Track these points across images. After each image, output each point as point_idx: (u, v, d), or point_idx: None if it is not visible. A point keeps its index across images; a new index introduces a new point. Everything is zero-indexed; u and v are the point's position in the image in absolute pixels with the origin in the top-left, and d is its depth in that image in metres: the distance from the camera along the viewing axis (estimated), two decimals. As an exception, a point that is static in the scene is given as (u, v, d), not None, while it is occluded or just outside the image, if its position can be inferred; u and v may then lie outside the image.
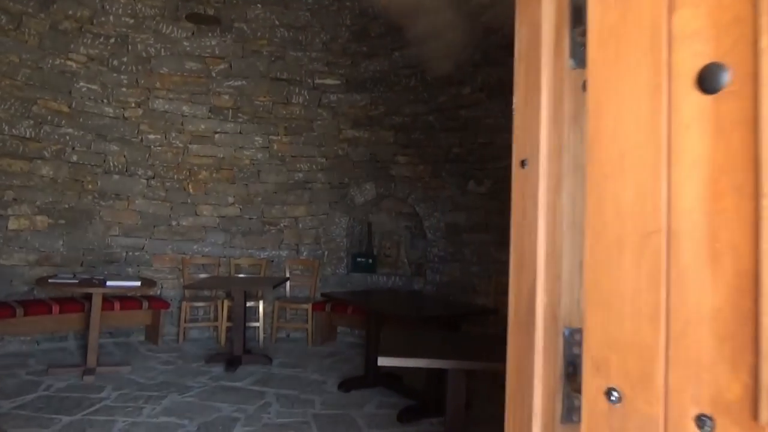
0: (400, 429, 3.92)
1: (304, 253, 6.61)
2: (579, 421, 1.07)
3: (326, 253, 6.59)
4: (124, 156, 6.13)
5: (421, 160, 6.20)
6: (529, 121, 1.10)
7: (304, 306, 6.23)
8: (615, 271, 0.88)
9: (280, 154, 6.54)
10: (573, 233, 1.05)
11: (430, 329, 4.08)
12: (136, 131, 6.19)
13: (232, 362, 5.19)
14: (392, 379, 4.85)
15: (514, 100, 1.14)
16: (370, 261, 6.69)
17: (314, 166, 6.54)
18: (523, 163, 1.11)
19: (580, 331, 1.08)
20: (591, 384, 0.92)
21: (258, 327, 6.17)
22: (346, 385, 4.70)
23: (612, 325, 0.89)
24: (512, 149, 1.18)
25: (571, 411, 1.05)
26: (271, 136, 6.52)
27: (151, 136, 6.25)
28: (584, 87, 1.08)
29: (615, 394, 0.86)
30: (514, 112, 1.16)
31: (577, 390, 1.06)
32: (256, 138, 6.52)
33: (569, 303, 1.07)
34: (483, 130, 5.76)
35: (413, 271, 6.62)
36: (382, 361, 2.57)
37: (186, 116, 6.36)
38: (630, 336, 0.85)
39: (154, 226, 6.30)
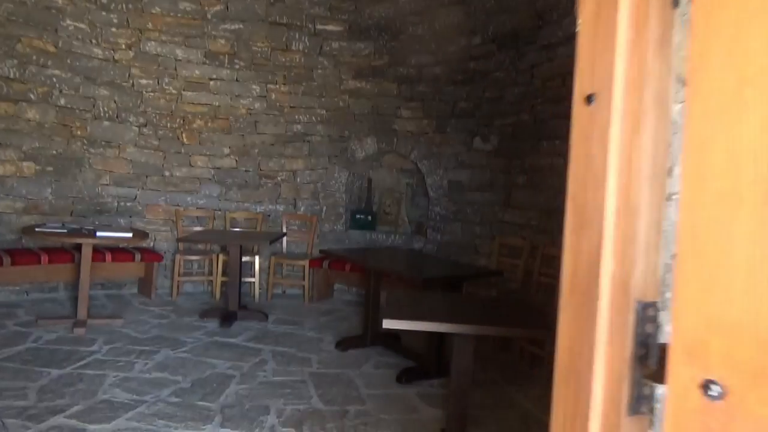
0: (399, 390, 3.82)
1: (302, 208, 6.42)
2: (649, 413, 0.89)
3: (325, 208, 6.40)
4: (115, 101, 5.84)
5: (426, 114, 5.95)
6: (600, 46, 0.89)
7: (301, 262, 6.08)
8: (724, 232, 0.70)
9: (278, 104, 6.27)
10: (653, 185, 0.86)
11: (433, 290, 3.94)
12: (127, 75, 5.89)
13: (227, 318, 5.07)
14: (391, 339, 4.75)
15: (579, 19, 0.92)
16: (370, 218, 6.52)
17: (314, 118, 6.28)
18: (589, 99, 0.90)
19: (655, 305, 0.91)
20: (681, 373, 0.75)
21: (253, 282, 6.03)
22: (343, 344, 4.60)
23: (715, 301, 0.71)
24: (574, 82, 0.97)
25: (640, 401, 0.88)
26: (269, 85, 6.23)
27: (143, 81, 5.95)
28: (675, 1, 0.87)
29: (715, 388, 0.69)
30: (578, 35, 0.95)
31: (650, 377, 0.88)
32: (254, 86, 6.23)
33: (644, 271, 0.89)
34: (492, 84, 5.49)
35: (413, 229, 6.46)
36: (387, 324, 2.42)
37: (180, 61, 6.04)
38: (742, 316, 0.67)
39: (147, 176, 6.07)
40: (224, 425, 3.12)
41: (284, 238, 6.29)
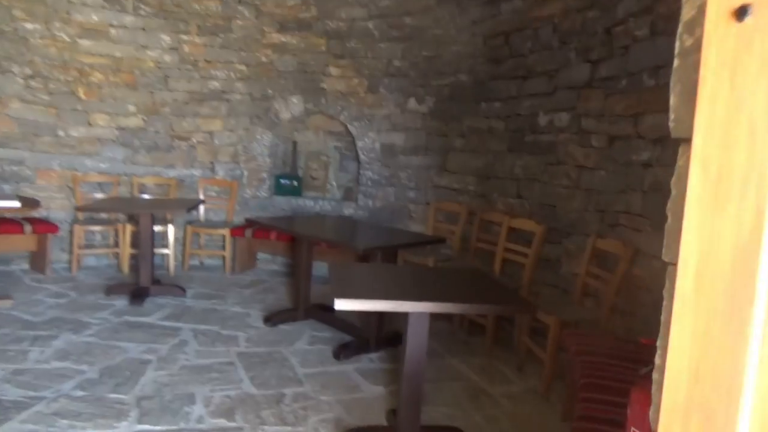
0: (338, 367, 3.54)
1: (221, 173, 5.88)
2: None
3: (246, 173, 5.90)
4: (-7, 47, 4.98)
5: (357, 73, 5.56)
6: None
7: (221, 231, 5.59)
8: None
9: (192, 58, 5.63)
10: None
11: (373, 260, 3.66)
12: (8, 17, 5.02)
13: (138, 294, 4.53)
14: (324, 311, 4.44)
15: None
16: (296, 183, 6.10)
17: (233, 74, 5.70)
18: (741, 12, 0.61)
19: None
20: None
21: (167, 254, 5.47)
22: (273, 319, 4.23)
23: None
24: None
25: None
26: (181, 36, 5.56)
27: (29, 26, 5.10)
28: None
29: None
30: None
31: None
32: (163, 36, 5.54)
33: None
34: (429, 42, 5.19)
35: (343, 195, 6.12)
36: (340, 305, 2.11)
37: (73, 3, 5.23)
38: None
39: (36, 136, 5.28)
40: (142, 421, 2.70)
41: (201, 206, 5.75)
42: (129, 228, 5.33)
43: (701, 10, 0.70)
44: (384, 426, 2.82)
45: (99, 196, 5.45)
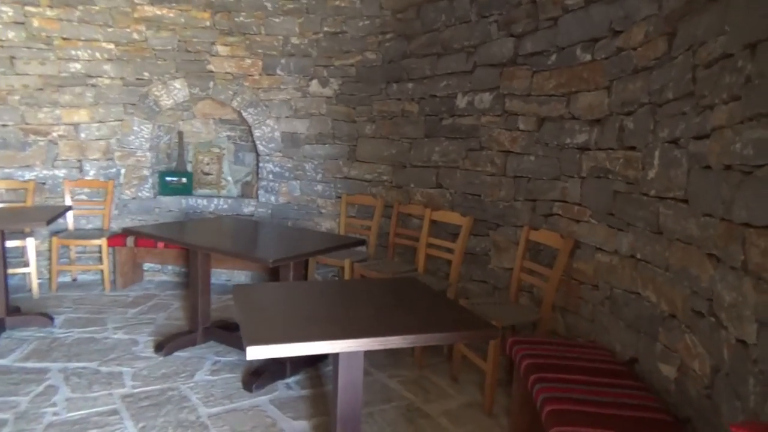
0: (250, 400, 2.99)
1: (91, 173, 5.00)
2: None
3: (123, 171, 5.06)
4: None
5: (249, 52, 4.89)
6: None
7: (96, 241, 4.74)
8: None
9: (44, 35, 4.67)
10: None
11: (285, 270, 3.11)
12: None
13: (-11, 329, 3.66)
14: (227, 330, 3.83)
15: None
16: (185, 180, 5.34)
17: (98, 55, 4.81)
18: None
19: None
20: None
21: (29, 273, 4.55)
22: (166, 346, 3.56)
23: None
24: None
25: None
26: (27, 8, 4.58)
27: None
28: None
29: None
30: None
31: None
32: (3, 9, 4.53)
33: None
34: (332, 15, 4.64)
35: (240, 191, 5.46)
36: (254, 353, 1.58)
37: None
38: None
39: None
40: None
41: (69, 213, 4.85)
42: (-26, 245, 4.35)
43: None
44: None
45: (-70, 207, 4.40)
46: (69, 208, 4.26)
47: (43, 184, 4.87)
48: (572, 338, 2.97)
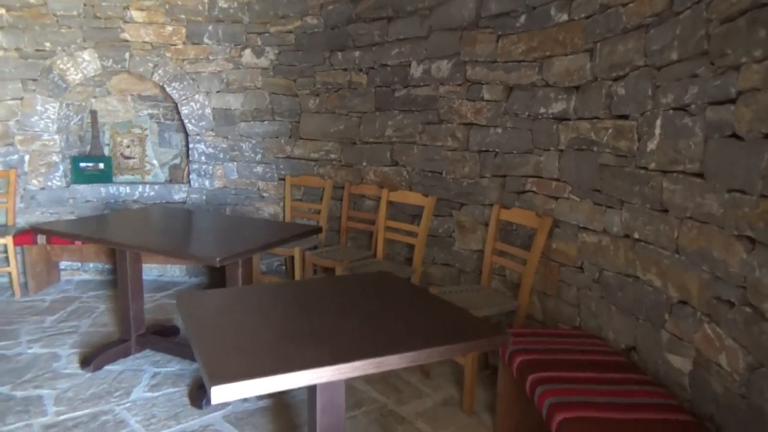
0: (200, 419, 2.60)
1: (-12, 161, 4.30)
2: None
3: (27, 158, 4.39)
4: None
5: (170, 17, 4.31)
6: None
7: (0, 241, 4.09)
8: None
9: None
10: None
11: (232, 268, 2.71)
12: None
13: None
14: (163, 335, 3.40)
15: None
16: (102, 166, 4.72)
17: (-13, 22, 4.09)
18: None
19: None
20: None
21: None
22: (94, 359, 3.07)
23: None
24: None
25: None
26: None
27: None
28: None
29: None
30: None
31: None
32: None
33: None
34: (262, -24, 4.15)
35: (168, 176, 4.90)
36: (220, 395, 1.22)
37: None
38: None
39: None
40: None
41: (-36, 208, 4.17)
42: None
43: None
44: None
45: None
46: (-39, 204, 3.61)
47: (-72, 176, 4.14)
48: (555, 325, 2.77)
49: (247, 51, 4.31)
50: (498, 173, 3.12)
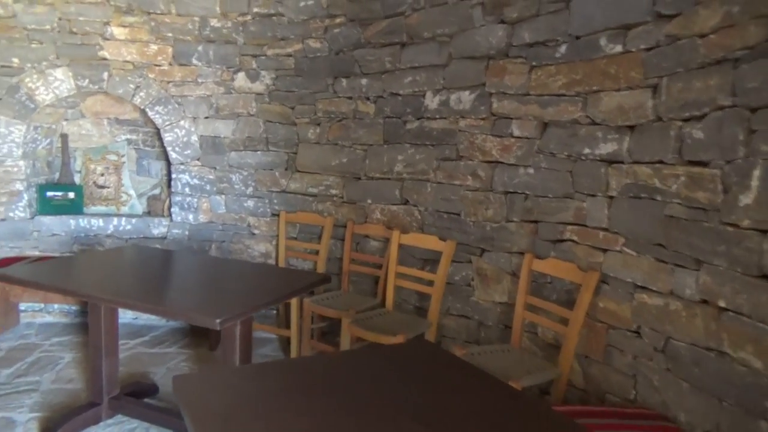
0: None
1: (-59, 188, 3.80)
2: None
3: (-14, 186, 3.90)
4: None
5: (155, 36, 3.92)
6: None
7: (-50, 280, 3.57)
8: None
9: None
10: None
11: (230, 333, 2.29)
12: None
13: None
14: (139, 396, 2.94)
15: None
16: (72, 195, 4.25)
17: (-54, 33, 3.64)
18: None
19: None
20: None
21: None
22: (58, 429, 2.59)
23: None
24: None
25: None
26: None
27: None
28: None
29: None
30: None
31: None
32: None
33: None
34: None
35: (147, 208, 4.45)
36: None
37: None
38: None
39: None
40: None
41: None
42: None
43: None
44: None
45: None
46: None
47: None
48: (600, 395, 2.42)
49: (241, 74, 3.93)
50: (528, 218, 2.79)
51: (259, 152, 3.98)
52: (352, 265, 3.61)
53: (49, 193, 4.19)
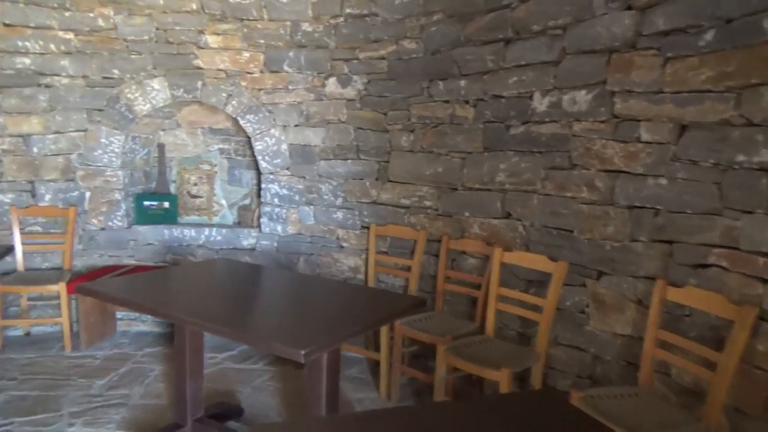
0: None
1: (47, 197, 3.93)
2: None
3: (88, 195, 3.99)
4: None
5: (248, 42, 3.85)
6: None
7: (52, 287, 3.67)
8: None
9: (-18, 22, 3.60)
10: None
11: (316, 362, 2.06)
12: None
13: None
14: (224, 418, 2.80)
15: None
16: (167, 205, 4.28)
17: (54, 46, 3.75)
18: None
19: None
20: None
21: (-40, 333, 3.48)
22: (140, 451, 2.50)
23: None
24: None
25: None
26: (-42, -14, 3.52)
27: None
28: None
29: None
30: None
31: None
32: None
33: None
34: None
35: (237, 218, 4.40)
36: None
37: None
38: None
39: None
40: None
41: (18, 249, 3.79)
42: None
43: None
44: None
45: None
46: (9, 249, 3.18)
47: (-16, 213, 3.79)
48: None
49: (332, 80, 3.77)
50: (660, 237, 2.36)
51: (349, 161, 3.79)
52: (447, 283, 3.31)
53: (146, 203, 4.23)
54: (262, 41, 3.82)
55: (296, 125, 3.90)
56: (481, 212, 3.23)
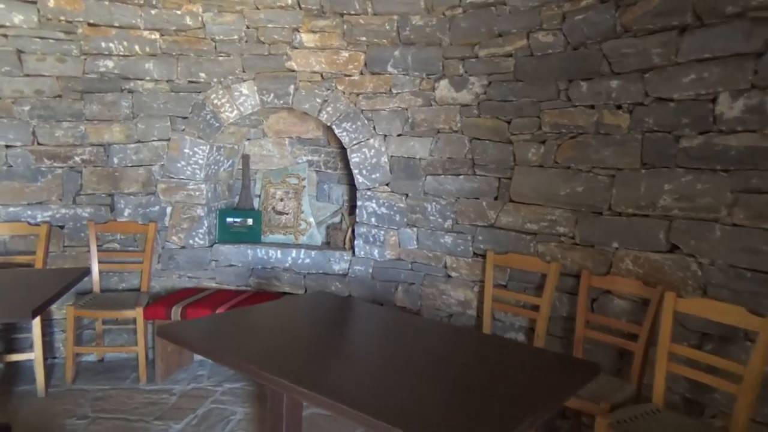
0: None
1: (126, 212, 3.61)
2: None
3: (169, 210, 3.65)
4: None
5: (348, 41, 3.40)
6: None
7: (128, 313, 3.32)
8: None
9: (62, 19, 3.31)
10: None
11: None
12: None
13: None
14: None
15: None
16: (251, 222, 3.88)
17: (138, 48, 3.43)
18: None
19: None
20: None
21: (32, 361, 3.16)
22: None
23: None
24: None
25: None
26: (43, -17, 3.25)
27: None
28: None
29: None
30: None
31: None
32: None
33: None
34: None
35: (326, 238, 3.95)
36: None
37: None
38: None
39: None
40: None
41: (94, 270, 3.48)
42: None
43: None
44: None
45: None
46: (86, 271, 2.83)
47: (61, 227, 3.50)
48: None
49: (443, 82, 3.24)
50: None
51: (461, 177, 3.23)
52: (589, 331, 2.68)
53: (229, 219, 3.85)
54: (363, 38, 3.35)
55: (399, 135, 3.40)
56: (636, 243, 2.59)
